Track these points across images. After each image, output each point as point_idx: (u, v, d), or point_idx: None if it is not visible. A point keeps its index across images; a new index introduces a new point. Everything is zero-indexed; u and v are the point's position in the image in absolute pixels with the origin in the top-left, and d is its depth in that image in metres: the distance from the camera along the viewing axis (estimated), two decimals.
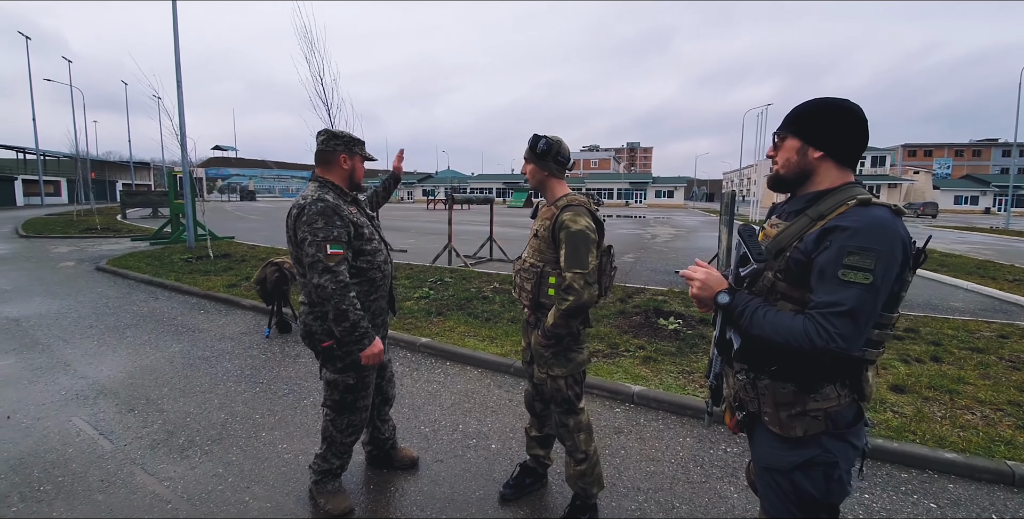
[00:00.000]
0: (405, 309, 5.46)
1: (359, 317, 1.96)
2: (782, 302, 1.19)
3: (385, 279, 2.21)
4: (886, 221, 1.08)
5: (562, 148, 1.92)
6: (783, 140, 1.27)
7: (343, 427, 2.19)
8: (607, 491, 2.38)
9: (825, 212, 1.15)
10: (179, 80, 10.58)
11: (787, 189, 1.30)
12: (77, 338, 4.80)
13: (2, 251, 11.20)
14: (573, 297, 1.77)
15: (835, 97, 1.22)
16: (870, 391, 1.21)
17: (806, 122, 1.22)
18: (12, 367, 4.01)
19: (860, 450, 1.25)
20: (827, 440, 1.20)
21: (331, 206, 1.97)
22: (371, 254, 2.10)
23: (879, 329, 1.15)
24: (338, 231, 1.95)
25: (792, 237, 1.19)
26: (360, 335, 1.99)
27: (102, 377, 3.82)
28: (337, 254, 1.93)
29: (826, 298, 1.08)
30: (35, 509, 2.24)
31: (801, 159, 1.23)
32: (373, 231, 2.15)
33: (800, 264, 1.15)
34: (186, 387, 3.64)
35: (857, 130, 1.19)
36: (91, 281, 7.76)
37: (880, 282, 1.06)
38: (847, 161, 1.22)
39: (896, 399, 3.31)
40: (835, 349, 1.05)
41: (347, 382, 2.14)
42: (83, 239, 13.84)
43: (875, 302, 1.07)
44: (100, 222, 17.55)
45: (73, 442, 2.85)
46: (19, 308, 5.94)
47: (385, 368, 2.48)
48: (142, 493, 2.37)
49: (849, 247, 1.06)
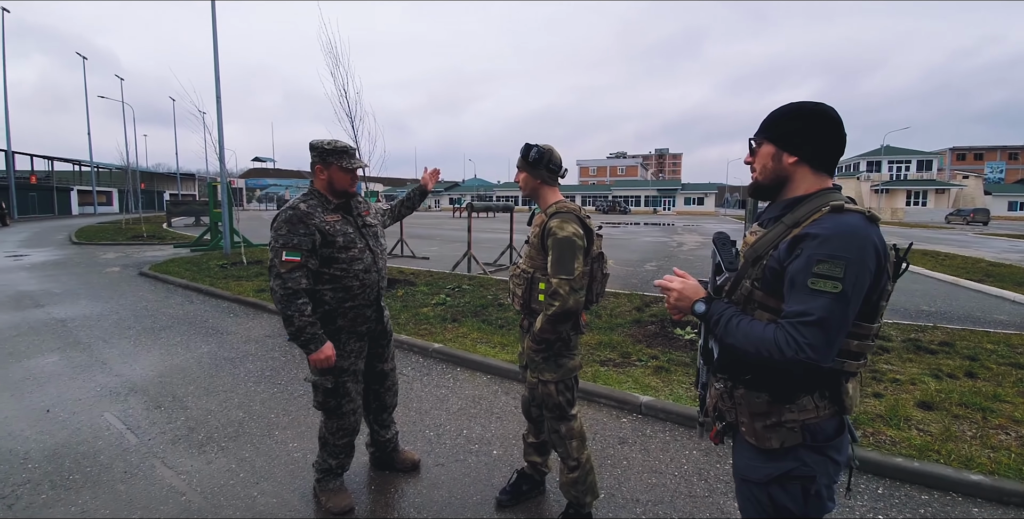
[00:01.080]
0: (421, 315, 5.56)
1: (304, 324, 2.00)
2: (759, 311, 1.17)
3: (366, 288, 2.21)
4: (856, 228, 1.05)
5: (553, 156, 1.96)
6: (759, 146, 1.25)
7: (334, 430, 2.26)
8: (605, 501, 2.35)
9: (801, 219, 1.14)
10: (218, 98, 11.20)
11: (766, 196, 1.28)
12: (116, 338, 5.10)
13: (56, 257, 12.02)
14: (559, 303, 1.79)
15: (810, 101, 1.21)
16: (851, 403, 1.17)
17: (779, 127, 1.21)
18: (55, 364, 4.30)
19: (842, 465, 1.20)
20: (804, 453, 1.16)
21: (300, 214, 2.03)
22: (346, 262, 2.13)
23: (858, 340, 1.11)
24: (299, 239, 2.00)
25: (768, 245, 1.17)
26: (305, 340, 2.02)
27: (135, 375, 4.05)
28: (292, 261, 1.98)
29: (796, 307, 1.06)
30: (63, 496, 2.40)
31: (776, 165, 1.22)
32: (353, 240, 2.16)
33: (775, 273, 1.13)
34: (210, 386, 3.82)
35: (831, 134, 1.17)
36: (133, 285, 8.23)
37: (850, 291, 1.03)
38: (822, 166, 1.20)
39: (922, 416, 3.15)
40: (804, 359, 1.03)
41: (325, 385, 2.19)
42: (130, 246, 14.69)
43: (845, 311, 1.04)
44: (146, 230, 18.61)
45: (103, 435, 3.03)
46: (66, 310, 6.36)
47: (386, 377, 2.50)
48: (160, 485, 2.50)
49: (818, 255, 1.04)
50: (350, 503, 2.28)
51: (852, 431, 1.30)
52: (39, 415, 3.30)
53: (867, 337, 1.12)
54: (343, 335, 2.22)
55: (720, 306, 1.20)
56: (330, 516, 2.23)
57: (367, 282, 2.22)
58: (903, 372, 3.89)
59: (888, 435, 2.90)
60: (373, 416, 2.54)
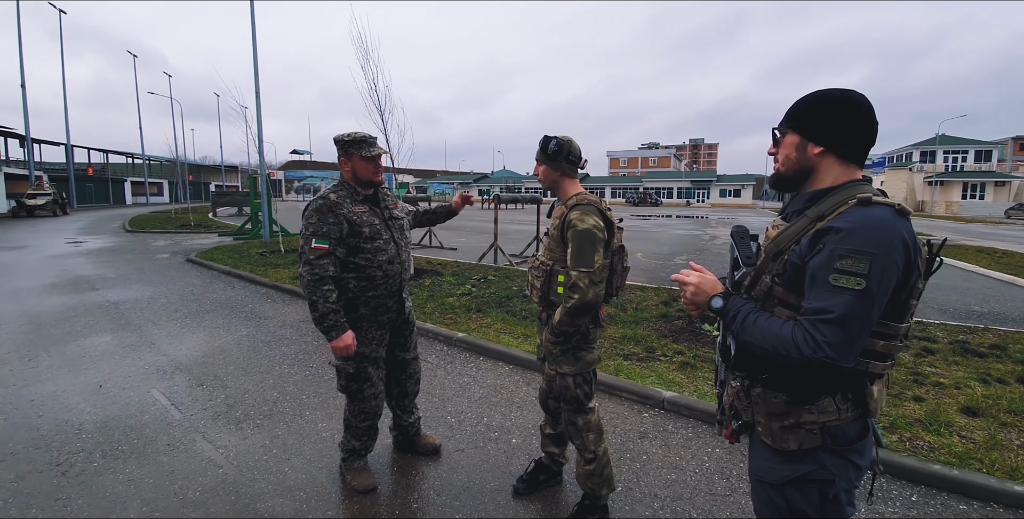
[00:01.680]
0: (447, 305, 5.65)
1: (328, 310, 2.06)
2: (779, 308, 1.13)
3: (388, 278, 2.27)
4: (884, 222, 1.00)
5: (573, 148, 1.94)
6: (783, 136, 1.20)
7: (356, 413, 2.35)
8: (622, 494, 2.36)
9: (825, 212, 1.09)
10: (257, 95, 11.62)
11: (790, 188, 1.23)
12: (164, 321, 5.42)
13: (110, 244, 12.81)
14: (578, 295, 1.78)
15: (837, 88, 1.14)
16: (875, 407, 1.12)
17: (805, 116, 1.16)
18: (108, 344, 4.61)
19: (864, 469, 1.16)
20: (824, 456, 1.12)
21: (329, 204, 2.11)
22: (371, 252, 2.19)
23: (884, 340, 1.06)
24: (328, 227, 2.08)
25: (790, 239, 1.13)
26: (328, 327, 2.08)
27: (180, 355, 4.31)
28: (320, 248, 2.06)
29: (816, 304, 1.02)
30: (112, 465, 2.59)
31: (800, 155, 1.17)
32: (379, 232, 2.23)
33: (796, 268, 1.09)
34: (248, 367, 4.02)
35: (860, 123, 1.11)
36: (181, 271, 8.70)
37: (875, 288, 0.98)
38: (850, 157, 1.14)
39: (966, 422, 2.98)
40: (823, 359, 0.98)
41: (347, 370, 2.27)
42: (178, 234, 15.50)
43: (869, 310, 0.99)
44: (194, 219, 19.57)
45: (149, 410, 3.25)
46: (119, 293, 6.79)
47: (408, 365, 2.56)
48: (199, 458, 2.67)
49: (840, 250, 0.99)
50: (372, 483, 2.37)
51: (878, 435, 1.24)
52: (93, 390, 3.56)
53: (895, 337, 1.07)
54: (364, 323, 2.28)
55: (737, 302, 1.16)
56: (354, 494, 2.33)
57: (390, 273, 2.27)
58: (948, 375, 3.69)
59: (927, 440, 2.77)
60: (395, 401, 2.61)
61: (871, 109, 1.12)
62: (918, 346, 4.32)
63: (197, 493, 2.36)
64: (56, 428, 2.97)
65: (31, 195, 23.66)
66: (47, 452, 2.70)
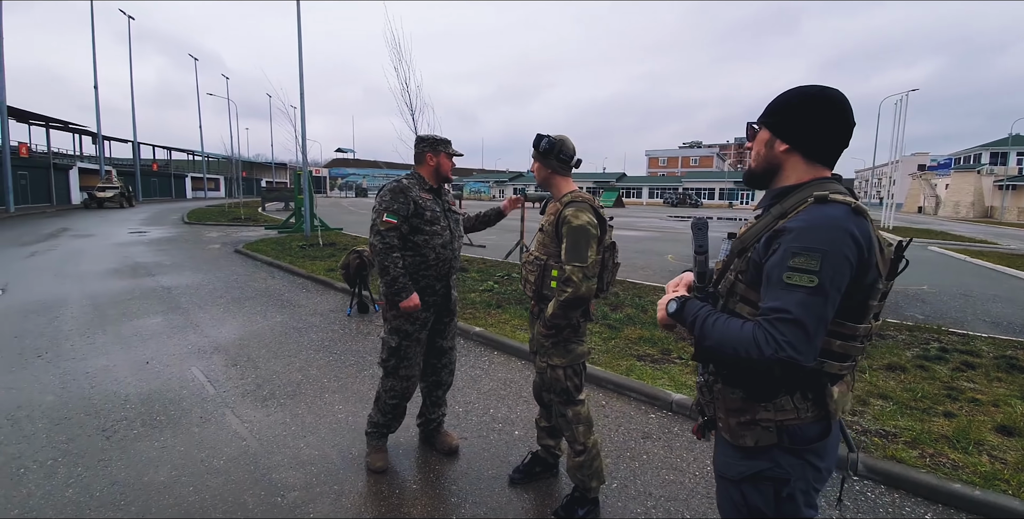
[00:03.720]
0: (468, 300, 5.78)
1: (399, 273, 2.29)
2: (741, 305, 1.14)
3: (440, 261, 2.44)
4: (834, 219, 1.00)
5: (564, 147, 1.99)
6: (756, 132, 1.20)
7: (388, 388, 2.48)
8: (616, 491, 2.38)
9: (788, 210, 1.09)
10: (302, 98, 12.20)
11: (759, 184, 1.23)
12: (209, 305, 5.83)
13: (169, 234, 13.79)
14: (571, 289, 1.83)
15: (815, 85, 1.14)
16: (835, 408, 1.10)
17: (777, 113, 1.16)
18: (158, 324, 5.02)
19: (824, 472, 1.14)
20: (779, 454, 1.12)
21: (402, 187, 2.36)
22: (428, 234, 2.39)
23: (841, 340, 1.06)
24: (399, 205, 2.31)
25: (753, 237, 1.14)
26: (399, 288, 2.29)
27: (220, 337, 4.64)
28: (390, 223, 2.29)
29: (771, 303, 1.02)
30: (149, 433, 2.85)
31: (768, 152, 1.17)
32: (439, 217, 2.44)
33: (757, 266, 1.10)
34: (278, 350, 4.28)
35: (829, 121, 1.10)
36: (229, 261, 9.28)
37: (828, 284, 0.98)
38: (817, 155, 1.13)
39: (999, 442, 2.81)
40: (785, 358, 0.98)
41: (390, 344, 2.44)
42: (230, 226, 16.47)
43: (824, 306, 0.99)
44: (244, 213, 20.70)
45: (188, 386, 3.53)
46: (173, 279, 7.33)
47: (444, 353, 2.66)
48: (227, 431, 2.89)
49: (793, 248, 1.00)
50: (384, 465, 2.50)
51: (848, 439, 1.23)
52: (140, 366, 3.90)
53: (853, 338, 1.06)
54: None
55: (694, 306, 1.14)
56: (359, 470, 2.46)
57: (442, 256, 2.45)
58: (987, 392, 3.47)
59: (950, 458, 2.63)
60: (428, 390, 2.69)
61: (845, 108, 1.10)
62: (957, 360, 4.07)
63: (221, 462, 2.57)
64: (105, 398, 3.29)
65: (101, 188, 25.71)
66: (96, 418, 3.01)
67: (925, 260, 11.72)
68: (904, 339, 4.63)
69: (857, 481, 2.53)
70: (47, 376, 3.64)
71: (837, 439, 1.19)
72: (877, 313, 1.11)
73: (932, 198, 47.19)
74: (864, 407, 3.19)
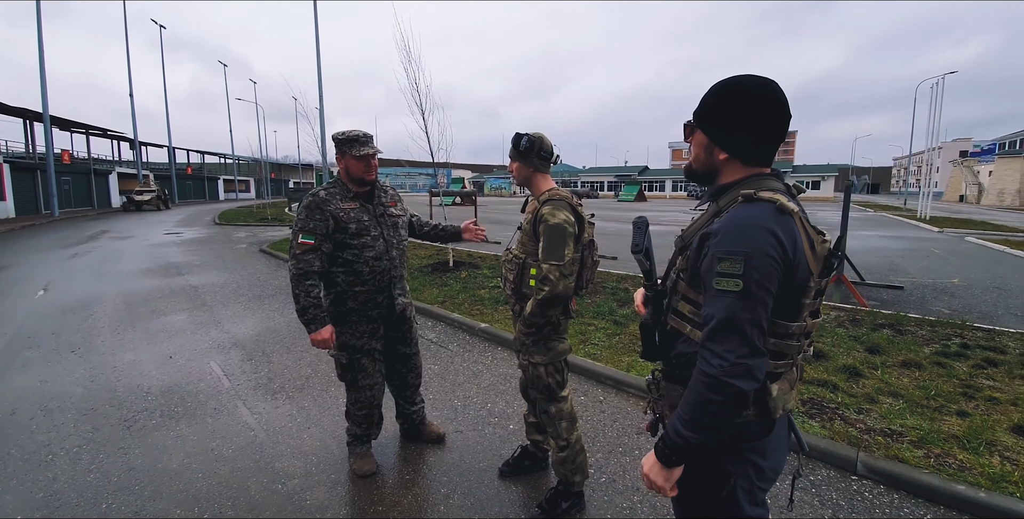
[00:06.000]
0: (477, 296, 5.85)
1: (308, 304, 2.16)
2: (683, 302, 1.15)
3: (375, 274, 2.31)
4: (755, 219, 0.98)
5: (544, 144, 2.00)
6: (693, 132, 1.19)
7: (352, 401, 2.46)
8: (604, 485, 2.40)
9: (722, 208, 1.09)
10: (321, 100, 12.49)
11: (702, 182, 1.21)
12: (232, 302, 6.09)
13: (201, 235, 14.37)
14: (548, 288, 1.85)
15: (748, 80, 1.09)
16: (775, 406, 1.08)
17: (711, 117, 1.13)
18: (183, 321, 5.28)
19: (767, 471, 1.14)
20: (719, 452, 1.11)
21: (317, 201, 2.21)
22: (358, 248, 2.26)
23: (775, 338, 1.05)
24: (314, 223, 2.17)
25: (692, 234, 1.15)
26: (307, 320, 2.18)
27: (239, 333, 4.85)
28: (306, 244, 2.15)
29: (706, 311, 1.02)
30: (166, 424, 3.03)
31: (708, 158, 1.16)
32: (367, 228, 2.28)
33: (694, 266, 1.10)
34: (291, 346, 4.45)
35: (768, 122, 1.08)
36: (253, 260, 9.63)
37: (754, 287, 0.96)
38: (755, 161, 1.12)
39: (1013, 442, 2.70)
40: (736, 371, 0.95)
41: (341, 360, 2.39)
42: (257, 227, 17.03)
43: (754, 309, 0.96)
44: (271, 213, 21.37)
45: (206, 379, 3.72)
46: (200, 278, 7.67)
47: (408, 359, 2.62)
48: (237, 421, 3.05)
49: (719, 253, 0.99)
50: (371, 468, 2.48)
51: (799, 438, 1.22)
52: (164, 360, 4.12)
53: (787, 336, 1.05)
54: (354, 316, 2.35)
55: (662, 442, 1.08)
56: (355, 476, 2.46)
57: (377, 269, 2.32)
58: (1007, 390, 3.32)
59: (958, 459, 2.54)
60: (397, 392, 2.70)
61: (783, 105, 1.07)
62: (979, 356, 3.90)
63: (229, 450, 2.72)
64: (129, 390, 3.51)
65: (139, 192, 26.94)
66: (119, 409, 3.21)
67: (960, 251, 11.15)
68: (924, 335, 4.46)
69: (855, 481, 2.47)
70: (78, 370, 3.89)
71: (783, 438, 1.18)
72: (816, 310, 1.10)
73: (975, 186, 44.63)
74: (872, 405, 3.11)
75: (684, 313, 1.15)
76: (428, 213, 10.41)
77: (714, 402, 0.98)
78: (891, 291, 6.70)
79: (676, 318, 1.17)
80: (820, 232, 1.07)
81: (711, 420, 1.01)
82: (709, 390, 0.98)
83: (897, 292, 6.64)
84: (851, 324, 4.78)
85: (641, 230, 1.20)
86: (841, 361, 3.76)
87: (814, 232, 1.05)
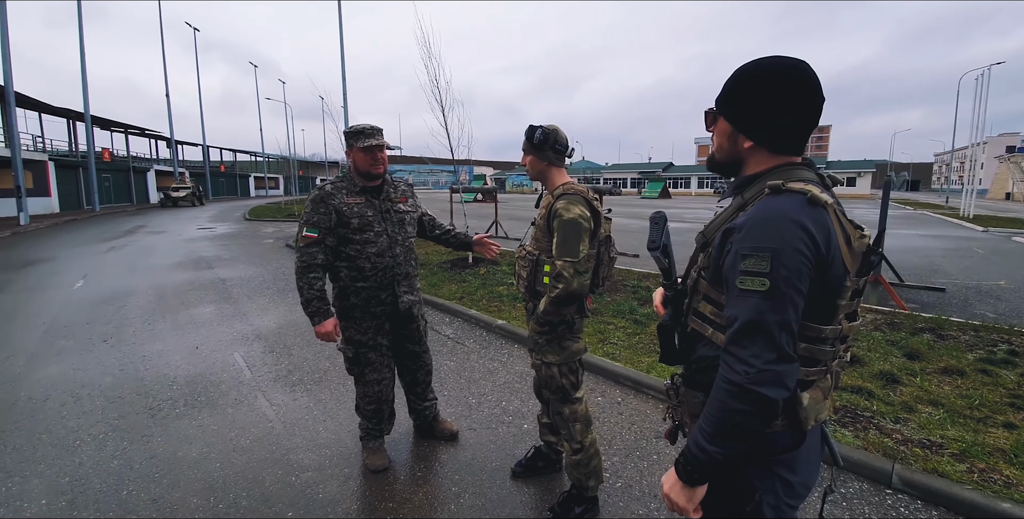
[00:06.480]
0: (495, 293, 5.81)
1: (312, 297, 2.17)
2: (704, 303, 1.07)
3: (377, 271, 2.29)
4: (784, 212, 0.89)
5: (559, 136, 1.92)
6: (716, 120, 1.10)
7: (361, 395, 2.47)
8: (620, 490, 2.33)
9: (748, 201, 1.01)
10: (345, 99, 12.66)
11: (726, 173, 1.12)
12: (257, 296, 6.22)
13: (232, 230, 14.79)
14: (562, 285, 1.78)
15: (774, 59, 1.00)
16: (806, 416, 0.98)
17: (735, 102, 1.04)
18: (211, 313, 5.41)
19: (797, 486, 1.04)
20: (745, 464, 1.03)
21: (323, 195, 2.21)
22: (359, 244, 2.24)
23: (807, 343, 0.96)
24: (319, 217, 2.18)
25: (715, 230, 1.06)
26: (311, 313, 2.20)
27: (262, 326, 4.94)
28: (309, 237, 2.16)
29: (729, 312, 0.94)
30: (189, 413, 3.09)
31: (732, 147, 1.07)
32: (370, 224, 2.26)
33: (716, 264, 1.02)
34: (311, 339, 4.50)
35: (796, 107, 0.98)
36: (279, 254, 9.84)
37: (783, 285, 0.88)
38: (784, 148, 1.03)
39: None
40: (763, 378, 0.87)
41: (347, 355, 2.40)
42: (284, 222, 17.43)
43: (782, 310, 0.88)
44: (297, 209, 21.86)
45: (228, 370, 3.80)
46: (228, 272, 7.88)
47: (418, 357, 2.61)
48: (256, 413, 3.09)
49: (743, 250, 0.91)
50: (383, 464, 2.47)
51: (834, 451, 1.12)
52: (190, 350, 4.23)
53: (820, 341, 0.96)
54: (357, 312, 2.35)
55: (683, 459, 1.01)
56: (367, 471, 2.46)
57: (379, 265, 2.29)
58: None
59: (1004, 474, 2.37)
60: (407, 388, 2.69)
61: (812, 86, 0.98)
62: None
63: (247, 441, 2.75)
64: (156, 380, 3.60)
65: (175, 189, 27.99)
66: (145, 398, 3.30)
67: (1007, 252, 10.53)
68: (967, 340, 4.20)
69: (890, 495, 2.33)
70: (109, 359, 4.03)
71: (815, 450, 1.09)
72: (854, 313, 1.01)
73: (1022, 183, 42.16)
74: (910, 414, 2.93)
75: (705, 314, 1.07)
76: (449, 210, 10.42)
77: (739, 412, 0.90)
78: (932, 293, 6.36)
79: (697, 320, 1.09)
80: (858, 227, 0.98)
81: (736, 432, 0.92)
82: (733, 399, 0.90)
83: (938, 294, 6.30)
84: (888, 328, 4.54)
85: (658, 226, 1.13)
86: (877, 367, 3.57)
87: (851, 226, 0.96)
